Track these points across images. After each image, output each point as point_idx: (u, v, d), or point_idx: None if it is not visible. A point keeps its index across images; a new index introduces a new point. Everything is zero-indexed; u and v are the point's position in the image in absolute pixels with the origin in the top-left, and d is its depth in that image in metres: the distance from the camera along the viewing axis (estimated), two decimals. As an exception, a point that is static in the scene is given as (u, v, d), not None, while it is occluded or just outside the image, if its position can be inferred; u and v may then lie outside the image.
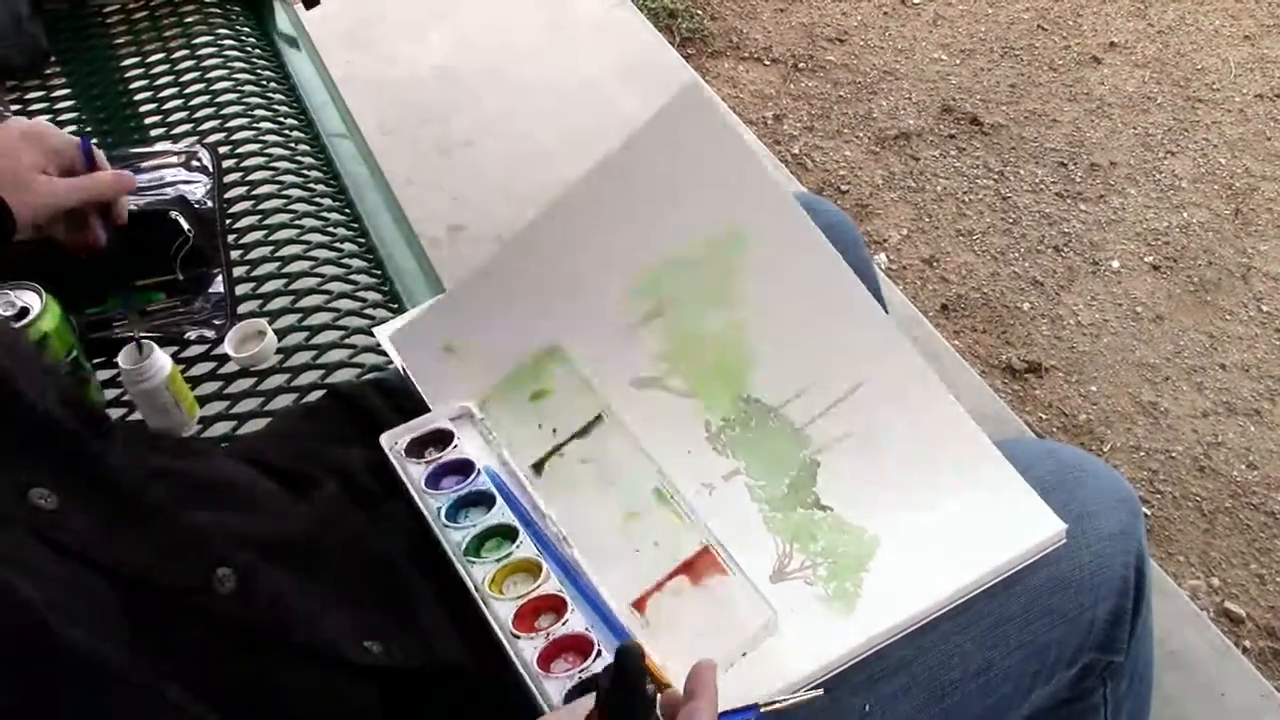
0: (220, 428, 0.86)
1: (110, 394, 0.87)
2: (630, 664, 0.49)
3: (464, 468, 0.66)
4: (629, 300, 0.70)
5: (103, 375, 0.87)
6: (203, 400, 0.87)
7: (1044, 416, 1.61)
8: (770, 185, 0.70)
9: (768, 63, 2.29)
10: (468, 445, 0.68)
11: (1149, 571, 0.69)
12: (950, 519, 0.62)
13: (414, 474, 0.66)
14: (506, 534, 0.62)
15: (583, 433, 0.68)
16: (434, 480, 0.66)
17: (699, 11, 2.42)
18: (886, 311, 0.85)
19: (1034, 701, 0.66)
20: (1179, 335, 1.72)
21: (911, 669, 0.60)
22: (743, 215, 0.70)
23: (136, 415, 0.83)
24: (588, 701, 0.48)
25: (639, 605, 0.60)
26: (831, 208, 0.89)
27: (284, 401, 0.88)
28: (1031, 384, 1.66)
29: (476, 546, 0.62)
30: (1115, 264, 1.83)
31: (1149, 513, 1.48)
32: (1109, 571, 0.66)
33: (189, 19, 1.27)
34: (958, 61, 2.27)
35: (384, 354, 0.79)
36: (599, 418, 0.69)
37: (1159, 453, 1.55)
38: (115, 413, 0.86)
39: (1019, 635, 0.63)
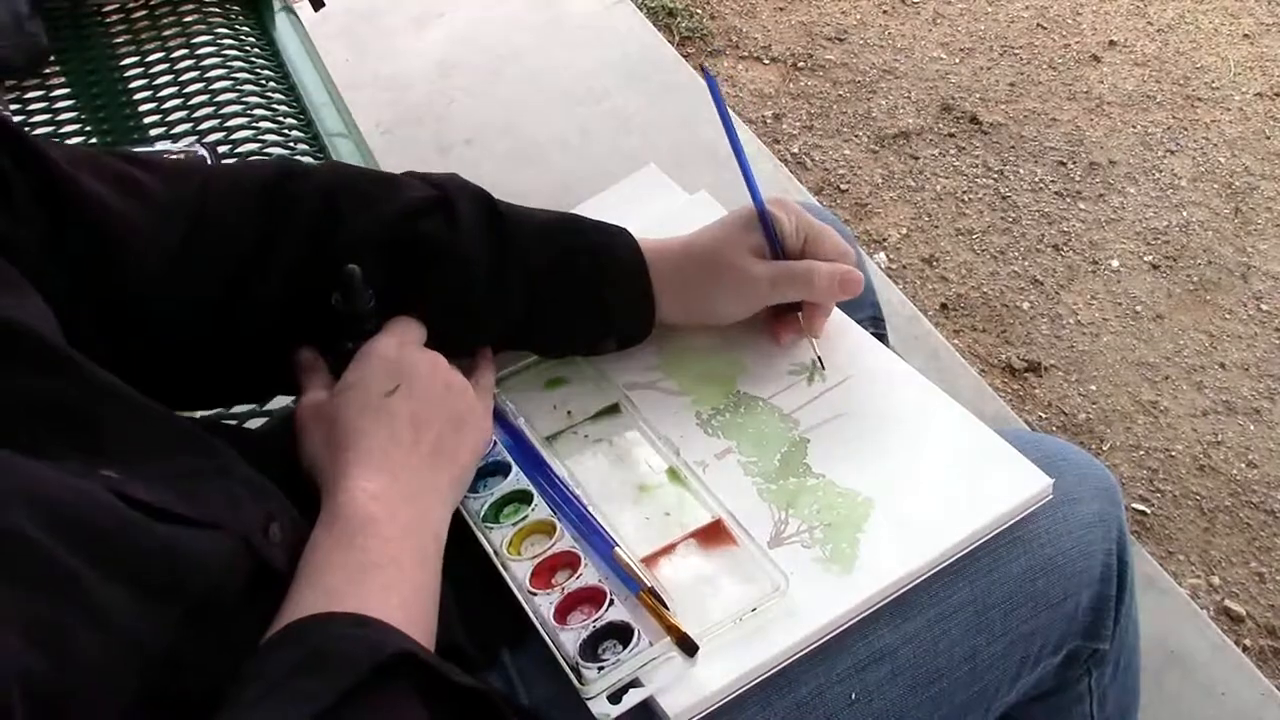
0: (220, 427, 0.86)
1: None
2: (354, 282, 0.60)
3: None
4: None
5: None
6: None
7: (1044, 416, 1.61)
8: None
9: (767, 61, 2.29)
10: None
11: (1131, 560, 0.69)
12: (941, 480, 0.64)
13: None
14: (523, 499, 0.64)
15: (597, 417, 0.70)
16: None
17: (698, 10, 2.42)
18: (881, 311, 0.87)
19: (1020, 689, 0.67)
20: (1179, 334, 1.72)
21: (897, 657, 0.61)
22: None
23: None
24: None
25: (648, 564, 0.61)
26: (828, 216, 0.90)
27: (284, 400, 0.88)
28: (1031, 383, 1.66)
29: (495, 513, 0.63)
30: (1115, 263, 1.84)
31: (1149, 511, 1.49)
32: (1090, 558, 0.66)
33: (188, 18, 1.27)
34: (957, 60, 2.27)
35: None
36: (615, 406, 0.71)
37: (1159, 452, 1.56)
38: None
39: (1004, 622, 0.64)
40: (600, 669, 0.54)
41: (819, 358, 0.71)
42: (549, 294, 0.67)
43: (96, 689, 0.41)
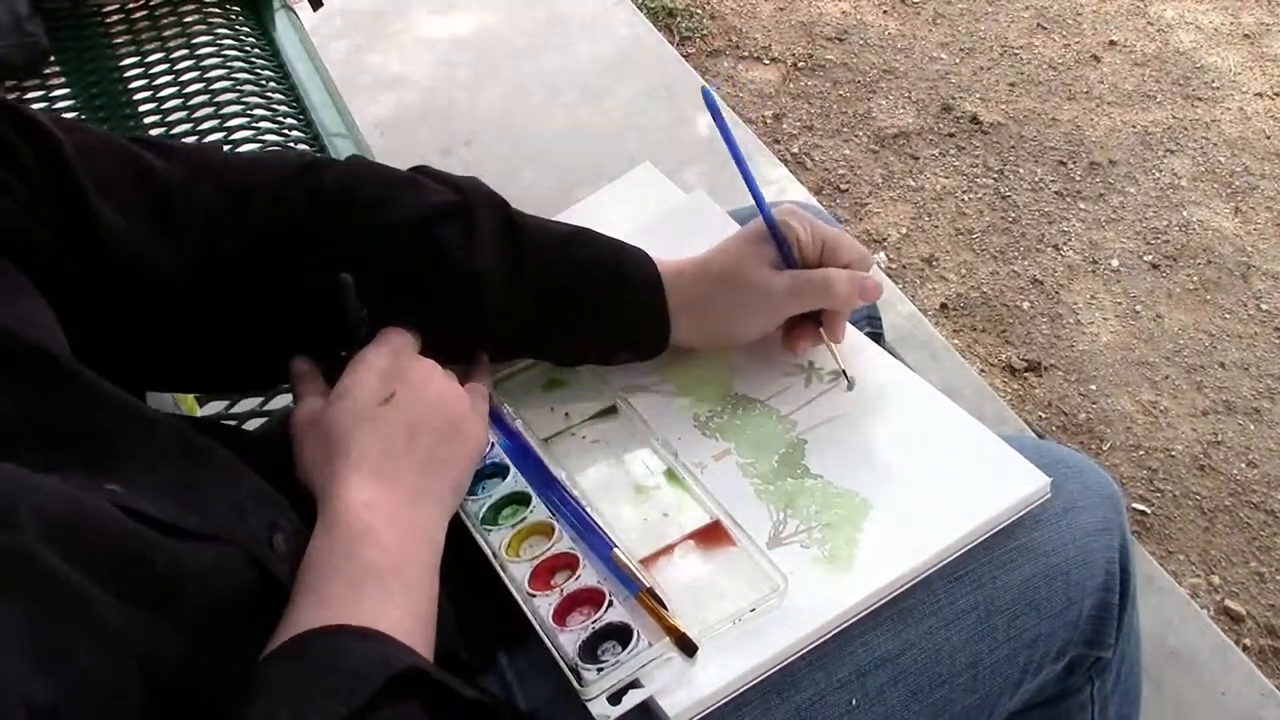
0: (220, 427, 0.86)
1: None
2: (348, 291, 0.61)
3: None
4: None
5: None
6: (202, 399, 0.87)
7: (1043, 415, 1.61)
8: None
9: (767, 61, 2.29)
10: None
11: (1134, 568, 0.69)
12: (938, 479, 0.64)
13: None
14: (521, 500, 0.64)
15: (595, 419, 0.70)
16: None
17: (698, 10, 2.42)
18: (878, 311, 0.87)
19: (1022, 695, 0.67)
20: (1178, 334, 1.72)
21: (899, 663, 0.61)
22: None
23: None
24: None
25: (646, 565, 0.61)
26: (826, 217, 0.90)
27: (284, 400, 0.88)
28: (1031, 383, 1.66)
29: (494, 515, 0.63)
30: (1115, 263, 1.84)
31: (1149, 511, 1.49)
32: (1093, 566, 0.66)
33: (188, 18, 1.27)
34: (957, 60, 2.27)
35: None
36: (613, 408, 0.71)
37: (1159, 451, 1.56)
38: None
39: (1006, 629, 0.63)
40: (600, 670, 0.54)
41: (844, 368, 0.71)
42: (562, 309, 0.67)
43: (103, 708, 0.40)
